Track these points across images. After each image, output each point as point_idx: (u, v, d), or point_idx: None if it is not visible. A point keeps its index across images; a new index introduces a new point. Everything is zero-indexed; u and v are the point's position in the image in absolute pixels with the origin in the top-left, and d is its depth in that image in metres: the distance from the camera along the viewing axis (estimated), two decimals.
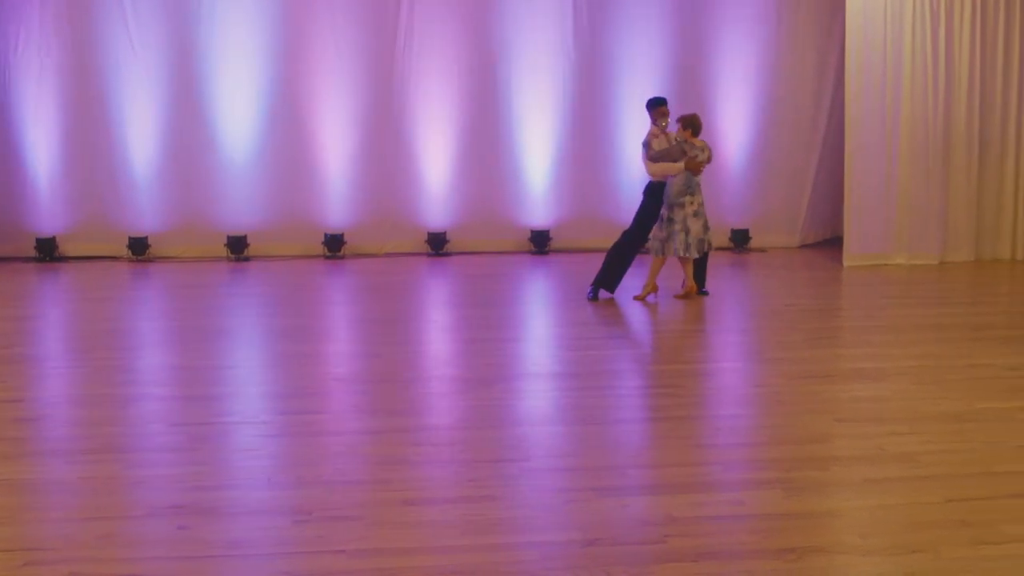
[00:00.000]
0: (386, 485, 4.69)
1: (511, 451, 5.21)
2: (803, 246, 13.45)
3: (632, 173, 12.86)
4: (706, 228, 9.38)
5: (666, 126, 9.46)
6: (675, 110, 11.89)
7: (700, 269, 9.70)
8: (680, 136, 9.42)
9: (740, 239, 13.11)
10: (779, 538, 4.10)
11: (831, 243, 13.57)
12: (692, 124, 9.44)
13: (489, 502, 4.48)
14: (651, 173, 9.36)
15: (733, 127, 12.98)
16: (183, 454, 5.16)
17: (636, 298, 9.51)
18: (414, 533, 4.16)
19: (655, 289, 9.54)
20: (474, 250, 12.85)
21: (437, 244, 12.67)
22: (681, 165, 9.24)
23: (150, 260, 12.27)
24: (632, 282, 9.83)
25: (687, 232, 9.27)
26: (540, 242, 12.84)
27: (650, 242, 9.52)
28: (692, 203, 9.29)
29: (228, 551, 3.98)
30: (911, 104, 11.66)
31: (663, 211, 9.35)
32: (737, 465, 5.02)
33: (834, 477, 4.83)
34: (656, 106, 9.50)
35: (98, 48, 12.04)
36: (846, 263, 11.68)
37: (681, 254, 9.32)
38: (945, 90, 11.74)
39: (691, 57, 12.88)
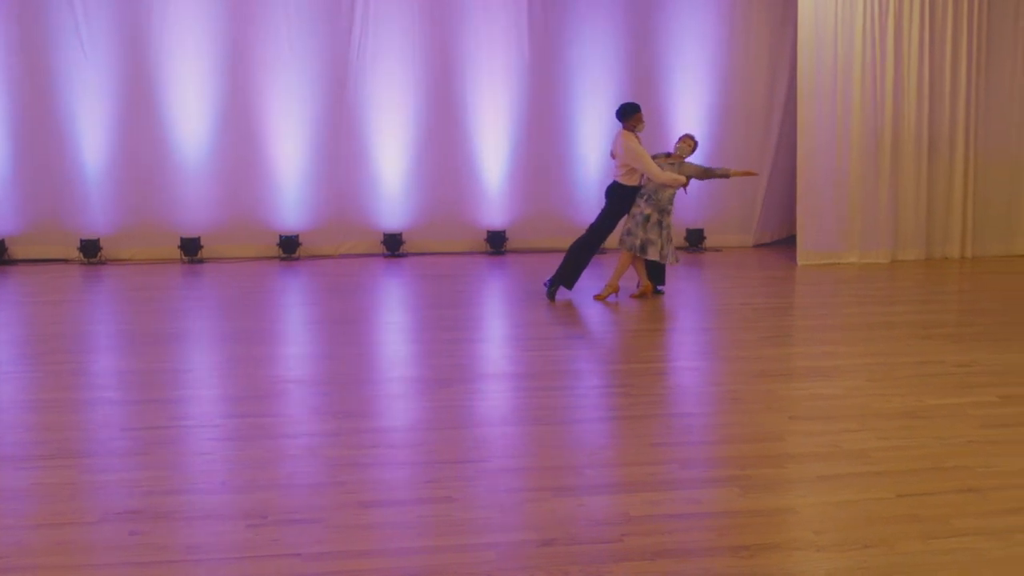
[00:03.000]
0: (342, 487, 4.68)
1: (468, 452, 5.21)
2: (758, 245, 13.57)
3: (588, 173, 12.91)
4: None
5: (642, 130, 9.56)
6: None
7: (659, 268, 9.77)
8: (686, 150, 9.71)
9: (695, 239, 13.20)
10: (735, 535, 4.14)
11: (785, 242, 13.69)
12: (694, 148, 9.82)
13: (446, 503, 4.48)
14: (659, 180, 9.33)
15: (688, 128, 13.03)
16: (137, 458, 5.11)
17: (597, 297, 9.54)
18: (371, 535, 4.15)
19: (616, 290, 9.58)
20: (430, 251, 12.82)
21: (393, 245, 12.63)
22: (684, 180, 9.45)
23: (102, 263, 12.12)
24: (589, 282, 9.86)
25: (670, 241, 9.53)
26: (496, 242, 12.84)
27: (626, 238, 9.48)
28: (672, 212, 9.57)
29: (183, 556, 3.95)
30: (862, 105, 11.81)
31: (649, 213, 9.37)
32: (693, 464, 5.06)
33: (789, 474, 4.88)
34: (634, 112, 9.46)
35: (48, 48, 11.86)
36: (800, 262, 11.80)
37: (669, 261, 9.53)
38: (894, 91, 11.90)
39: (645, 57, 12.93)
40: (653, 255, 9.42)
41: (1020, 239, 12.59)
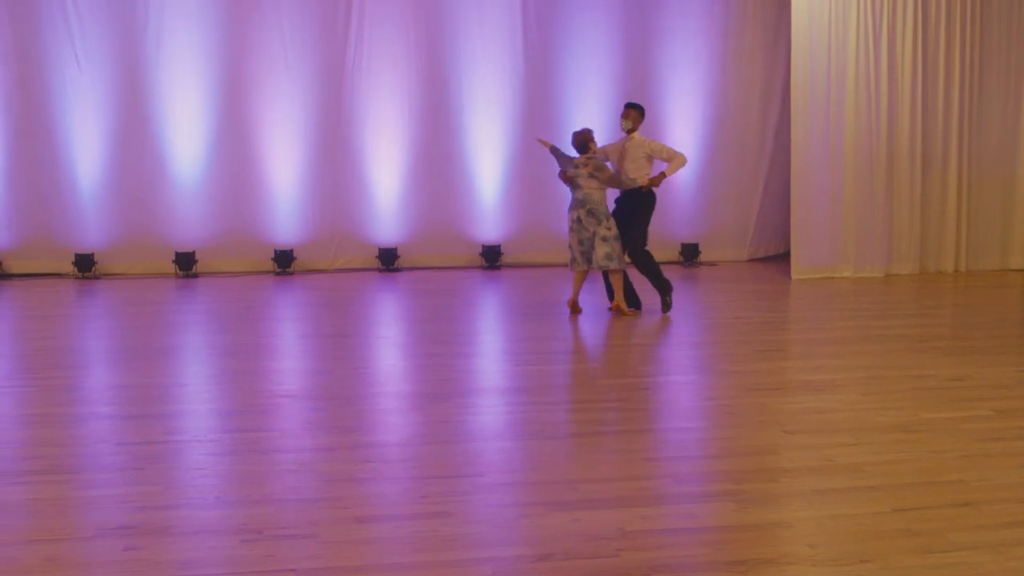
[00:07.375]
0: (337, 502, 4.66)
1: (463, 467, 5.20)
2: (753, 260, 13.58)
3: None
4: (582, 243, 9.31)
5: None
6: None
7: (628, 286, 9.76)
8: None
9: (690, 253, 13.21)
10: (730, 550, 4.13)
11: (780, 257, 13.72)
12: (574, 140, 9.51)
13: (441, 518, 4.46)
14: None
15: (682, 142, 13.08)
16: (131, 474, 5.09)
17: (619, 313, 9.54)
18: (366, 550, 4.14)
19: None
20: (425, 265, 12.82)
21: (388, 259, 12.64)
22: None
23: (96, 277, 12.11)
24: (597, 298, 9.87)
25: (570, 246, 9.47)
26: (491, 257, 12.85)
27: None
28: (572, 216, 9.40)
29: (177, 571, 3.93)
30: (855, 119, 11.86)
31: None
32: (688, 478, 5.05)
33: (783, 488, 4.87)
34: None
35: (43, 63, 11.89)
36: (794, 276, 11.82)
37: (575, 268, 9.47)
38: (888, 106, 11.95)
39: (640, 72, 12.98)
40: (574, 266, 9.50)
41: (1013, 254, 12.63)
